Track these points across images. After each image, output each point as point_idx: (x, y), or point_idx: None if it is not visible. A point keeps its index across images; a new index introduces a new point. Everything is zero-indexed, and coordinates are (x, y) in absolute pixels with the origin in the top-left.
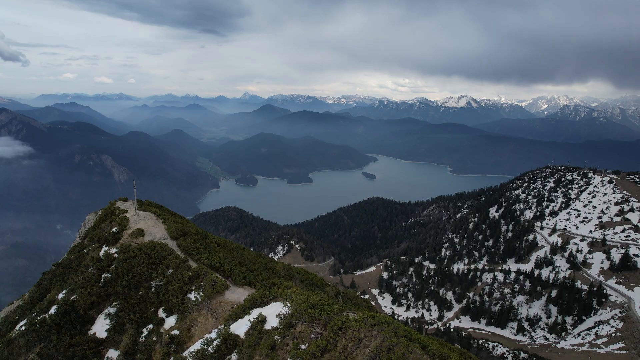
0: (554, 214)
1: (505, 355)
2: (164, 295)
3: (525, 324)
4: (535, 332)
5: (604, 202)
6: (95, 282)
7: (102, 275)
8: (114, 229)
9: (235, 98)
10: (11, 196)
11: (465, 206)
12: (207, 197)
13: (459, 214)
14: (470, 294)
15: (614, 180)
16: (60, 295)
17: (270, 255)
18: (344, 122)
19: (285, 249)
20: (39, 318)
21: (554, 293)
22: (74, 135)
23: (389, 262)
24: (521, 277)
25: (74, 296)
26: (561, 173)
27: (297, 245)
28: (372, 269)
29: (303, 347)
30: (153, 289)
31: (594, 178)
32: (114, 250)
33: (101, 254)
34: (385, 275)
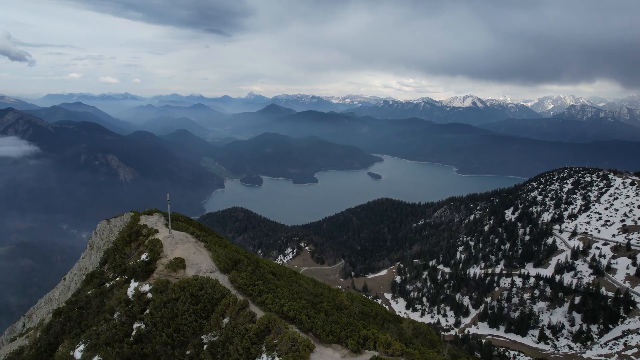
0: (573, 216)
1: None
2: (224, 358)
3: (548, 332)
4: (558, 341)
5: (627, 205)
6: (125, 336)
7: (134, 326)
8: (144, 257)
9: (239, 98)
10: (17, 196)
11: (478, 208)
12: (212, 197)
13: (472, 216)
14: (488, 300)
15: (636, 182)
16: (78, 354)
17: (279, 258)
18: (348, 122)
19: (295, 251)
20: None
21: (577, 300)
22: (80, 135)
23: (402, 266)
24: (541, 282)
25: (97, 358)
26: (579, 174)
27: (306, 248)
28: (384, 272)
29: None
30: (206, 348)
31: (615, 180)
32: (146, 287)
33: (130, 292)
34: (398, 278)
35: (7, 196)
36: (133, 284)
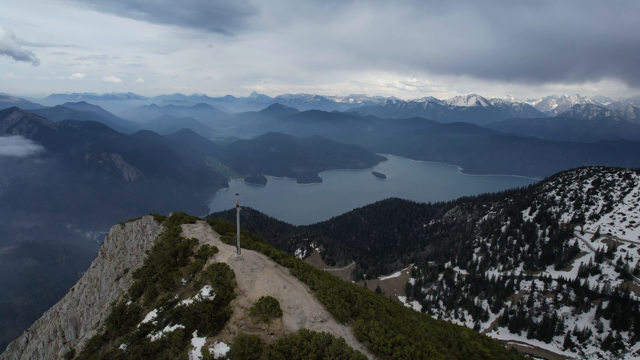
0: (595, 217)
1: None
2: None
3: (574, 339)
4: (586, 348)
5: None
6: None
7: None
8: (206, 292)
9: (243, 97)
10: (22, 195)
11: (492, 208)
12: (216, 196)
13: (486, 216)
14: (508, 303)
15: None
16: None
17: None
18: (352, 122)
19: (304, 252)
20: None
21: (604, 305)
22: (84, 134)
23: (416, 267)
24: (564, 286)
25: None
26: (600, 174)
27: (317, 249)
28: (397, 274)
29: None
30: None
31: (638, 179)
32: (222, 348)
33: (195, 356)
34: (412, 281)
35: (11, 195)
36: (198, 341)
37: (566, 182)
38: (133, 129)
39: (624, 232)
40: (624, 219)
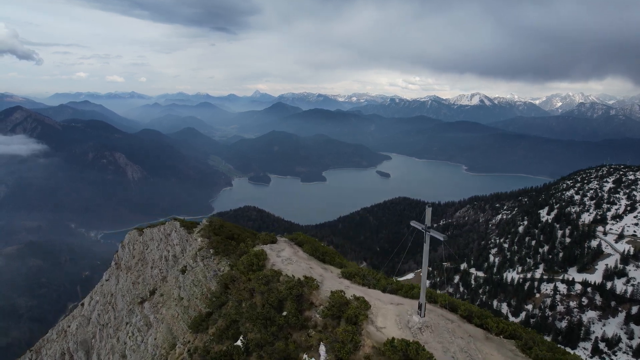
0: (618, 217)
1: None
2: None
3: (602, 345)
4: (616, 356)
5: None
6: None
7: None
8: None
9: (245, 96)
10: (25, 194)
11: (505, 207)
12: (220, 195)
13: (499, 216)
14: (529, 307)
15: None
16: None
17: None
18: (355, 120)
19: None
20: None
21: (634, 309)
22: (87, 133)
23: (430, 269)
24: (589, 289)
25: None
26: (621, 172)
27: None
28: (410, 275)
29: None
30: None
31: None
32: None
33: None
34: (427, 283)
35: (15, 194)
36: None
37: (585, 181)
38: (136, 128)
39: None
40: None
